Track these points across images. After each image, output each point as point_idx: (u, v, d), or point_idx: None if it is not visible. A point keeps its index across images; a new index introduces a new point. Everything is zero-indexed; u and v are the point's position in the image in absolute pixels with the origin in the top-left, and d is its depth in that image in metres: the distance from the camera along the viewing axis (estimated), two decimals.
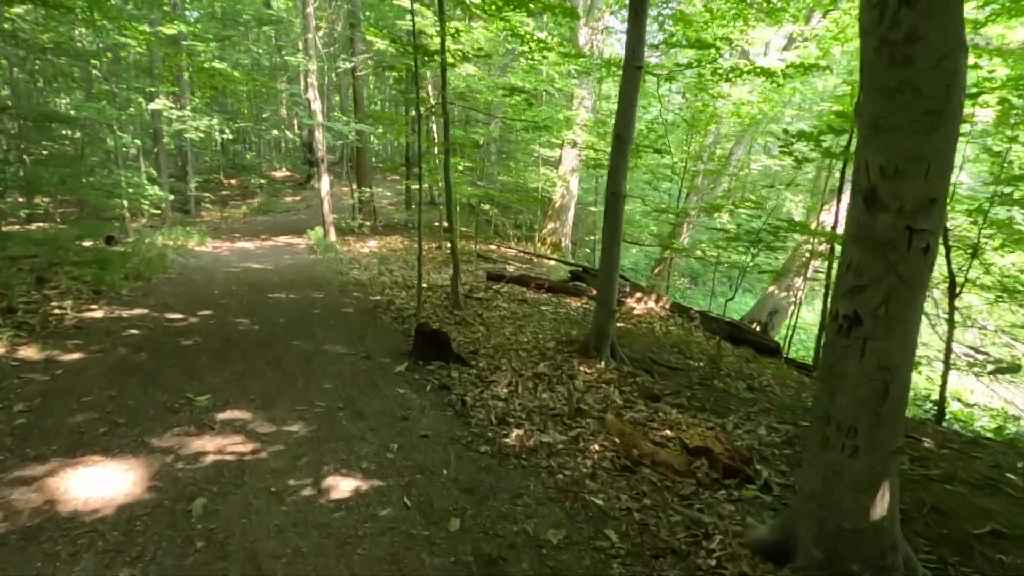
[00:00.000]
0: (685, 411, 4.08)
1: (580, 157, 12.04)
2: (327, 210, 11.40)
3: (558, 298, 7.89)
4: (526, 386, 4.19)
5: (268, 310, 6.03)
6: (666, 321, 7.53)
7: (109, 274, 7.04)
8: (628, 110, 4.81)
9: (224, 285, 7.34)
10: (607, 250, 5.03)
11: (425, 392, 3.84)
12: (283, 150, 25.84)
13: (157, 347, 4.48)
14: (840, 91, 10.60)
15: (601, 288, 5.15)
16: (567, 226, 12.35)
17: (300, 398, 3.56)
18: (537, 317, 6.78)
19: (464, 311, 6.60)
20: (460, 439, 3.21)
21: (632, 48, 4.73)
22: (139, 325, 5.13)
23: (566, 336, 5.93)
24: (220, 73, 8.55)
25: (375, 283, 8.02)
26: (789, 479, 3.14)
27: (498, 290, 8.02)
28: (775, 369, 6.34)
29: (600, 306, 5.13)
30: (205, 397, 3.49)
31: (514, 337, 5.70)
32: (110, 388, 3.58)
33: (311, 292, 7.13)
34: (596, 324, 5.16)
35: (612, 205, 4.92)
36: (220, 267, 8.82)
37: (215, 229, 14.46)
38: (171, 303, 6.17)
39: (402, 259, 10.42)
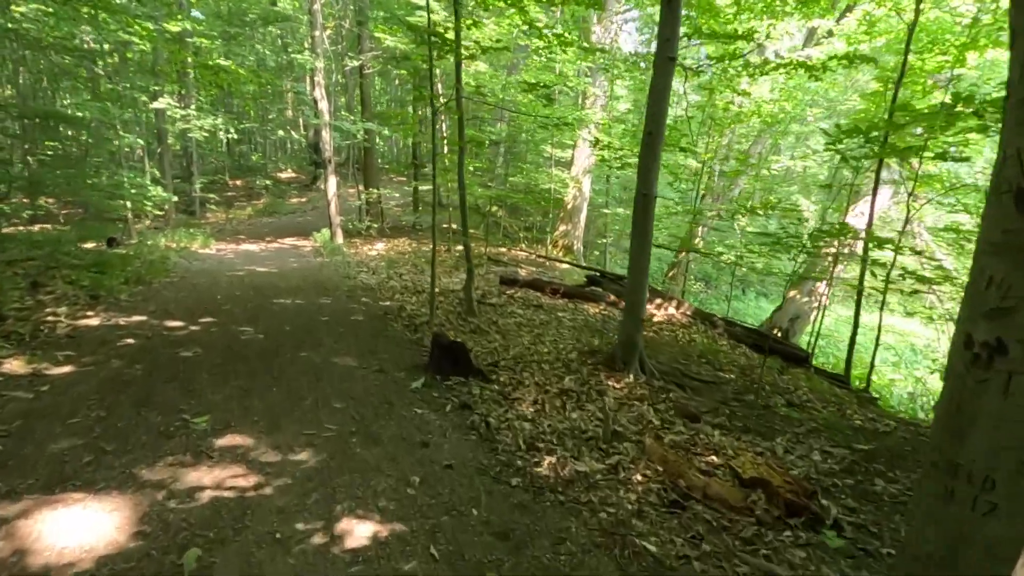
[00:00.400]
0: (728, 433, 3.70)
1: (593, 157, 11.68)
2: (334, 212, 11.06)
3: (575, 304, 7.53)
4: (553, 404, 3.83)
5: (273, 317, 5.68)
6: (688, 328, 7.15)
7: (108, 278, 6.70)
8: (660, 105, 4.45)
9: (227, 290, 7.00)
10: (636, 256, 4.67)
11: (445, 412, 3.48)
12: (289, 151, 25.58)
13: (154, 359, 4.13)
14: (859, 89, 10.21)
15: (629, 297, 4.78)
16: (579, 228, 11.98)
17: (308, 420, 3.20)
18: (555, 324, 6.41)
19: (478, 318, 6.24)
20: (488, 469, 2.85)
21: (665, 38, 4.37)
22: (136, 334, 4.79)
23: (588, 346, 5.56)
24: (224, 70, 8.23)
25: (384, 288, 7.67)
26: (860, 516, 2.76)
27: (512, 295, 7.66)
28: (807, 380, 5.95)
29: (628, 316, 4.76)
30: (203, 419, 3.13)
31: (533, 347, 5.33)
32: (100, 407, 3.23)
33: (318, 298, 6.79)
34: (623, 335, 4.79)
35: (642, 207, 4.55)
36: (224, 270, 8.48)
37: (220, 231, 14.15)
38: (172, 309, 5.83)
39: (411, 262, 10.08)
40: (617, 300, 7.60)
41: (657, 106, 4.44)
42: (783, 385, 5.31)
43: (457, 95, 5.79)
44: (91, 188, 10.73)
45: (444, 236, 13.51)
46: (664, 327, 6.98)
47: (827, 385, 6.23)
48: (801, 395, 4.98)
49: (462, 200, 6.11)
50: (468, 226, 6.27)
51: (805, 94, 8.42)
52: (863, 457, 3.51)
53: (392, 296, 7.18)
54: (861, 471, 3.30)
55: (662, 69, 4.38)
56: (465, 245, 6.18)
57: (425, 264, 9.94)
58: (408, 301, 6.92)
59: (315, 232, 12.10)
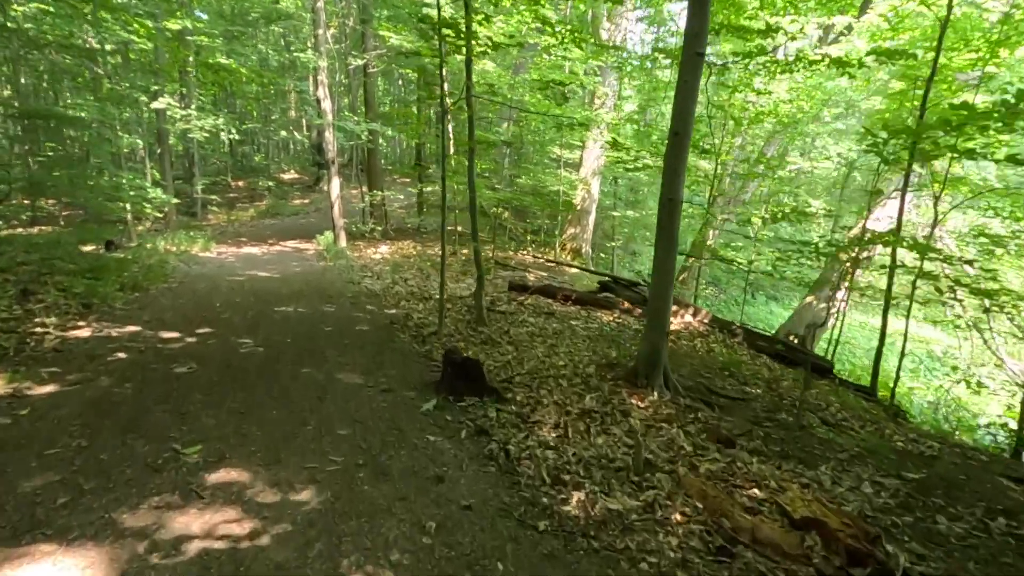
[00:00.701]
0: (766, 460, 3.38)
1: (602, 158, 11.36)
2: (337, 214, 10.76)
3: (587, 311, 7.21)
4: (576, 428, 3.51)
5: (274, 327, 5.38)
6: (707, 338, 6.83)
7: (103, 285, 6.41)
8: (687, 104, 4.13)
9: (227, 296, 6.70)
10: (661, 264, 4.35)
11: (460, 439, 3.17)
12: (292, 152, 25.30)
13: (145, 377, 3.83)
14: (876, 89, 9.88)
15: (652, 307, 4.46)
16: (588, 231, 11.67)
17: (311, 449, 2.89)
18: (568, 334, 6.10)
19: (489, 327, 5.93)
20: (511, 509, 2.53)
21: (694, 33, 4.05)
22: (129, 347, 4.48)
23: (606, 358, 5.25)
24: (225, 69, 7.94)
25: (389, 294, 7.36)
26: (931, 565, 2.44)
27: (522, 302, 7.35)
28: (835, 394, 5.63)
29: (651, 328, 4.44)
30: (195, 449, 2.83)
31: (548, 360, 5.02)
32: (82, 435, 2.93)
33: (321, 305, 6.48)
34: (646, 348, 4.47)
35: (668, 212, 4.24)
36: (224, 275, 8.19)
37: (221, 233, 13.87)
38: (168, 318, 5.53)
39: (416, 266, 9.78)
40: (631, 307, 7.29)
41: (684, 105, 4.13)
42: (813, 401, 4.99)
43: (467, 93, 5.48)
44: (90, 190, 10.46)
45: (449, 239, 13.21)
46: (682, 336, 6.66)
47: (852, 397, 5.91)
48: (835, 412, 4.66)
49: (472, 203, 5.80)
50: (478, 231, 5.96)
51: (824, 94, 8.09)
52: (916, 488, 3.19)
53: (398, 303, 6.88)
54: (919, 506, 2.98)
55: (690, 66, 4.06)
56: (475, 251, 5.87)
57: (431, 268, 9.64)
58: (415, 309, 6.62)
59: (318, 235, 11.81)
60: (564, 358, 5.12)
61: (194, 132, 10.53)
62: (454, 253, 11.00)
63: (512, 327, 6.07)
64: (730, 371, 5.51)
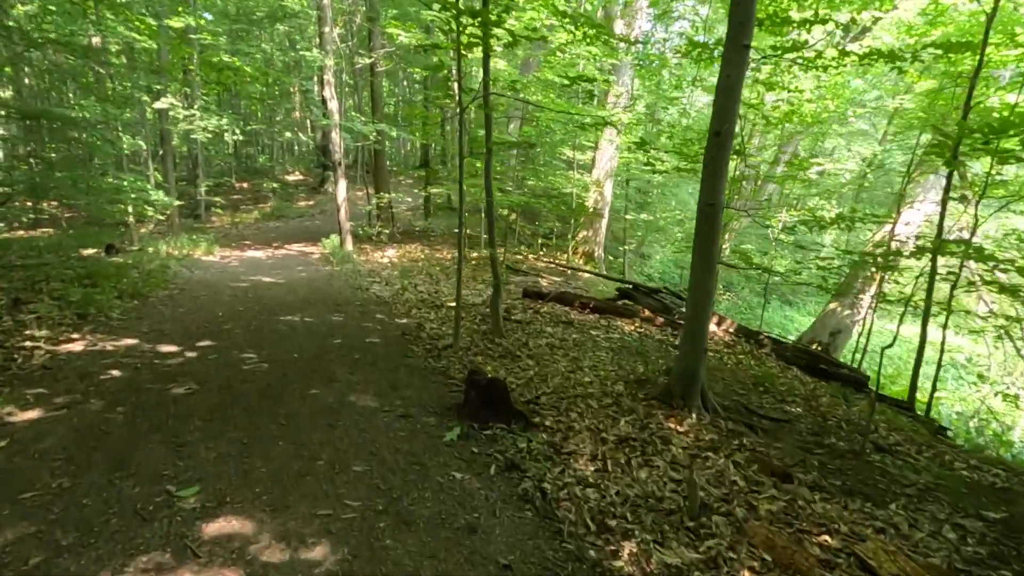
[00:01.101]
0: (829, 497, 3.01)
1: (616, 160, 11.00)
2: (344, 217, 10.41)
3: (607, 320, 6.84)
4: (615, 459, 3.15)
5: (280, 340, 5.03)
6: (733, 348, 6.46)
7: (100, 292, 6.07)
8: (730, 101, 3.76)
9: (230, 305, 6.35)
10: (699, 274, 3.98)
11: (489, 475, 2.80)
12: (296, 153, 25.00)
13: (139, 399, 3.48)
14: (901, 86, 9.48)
15: (690, 322, 4.09)
16: (600, 235, 11.30)
17: (323, 491, 2.53)
18: (590, 346, 5.74)
19: (506, 339, 5.57)
20: (556, 567, 2.17)
21: (740, 22, 3.69)
22: (123, 363, 4.14)
23: (633, 373, 4.88)
24: (228, 67, 7.61)
25: (399, 301, 7.01)
26: None
27: (538, 310, 6.99)
28: (881, 413, 5.25)
29: (688, 345, 4.07)
30: (192, 491, 2.47)
31: (573, 376, 4.66)
32: (65, 473, 2.58)
33: (329, 314, 6.13)
34: (682, 366, 4.10)
35: (708, 219, 3.87)
36: (227, 281, 7.84)
37: (225, 236, 13.54)
38: (167, 330, 5.19)
39: (424, 271, 9.42)
40: (652, 315, 6.92)
41: (727, 102, 3.76)
42: (858, 420, 4.61)
43: (484, 90, 5.11)
44: (90, 192, 10.15)
45: (455, 241, 12.87)
46: (708, 347, 6.28)
47: (891, 412, 5.54)
48: (885, 435, 4.28)
49: (489, 207, 5.44)
50: (495, 236, 5.60)
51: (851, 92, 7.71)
52: (1003, 531, 2.82)
53: (409, 311, 6.52)
54: (1012, 555, 2.61)
55: (735, 59, 3.70)
56: (492, 258, 5.51)
57: (440, 273, 9.29)
58: (427, 318, 6.26)
59: (324, 238, 11.47)
60: (589, 374, 4.76)
61: (197, 133, 10.20)
62: (464, 257, 10.65)
63: (530, 338, 5.71)
64: (764, 386, 5.14)
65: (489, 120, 5.24)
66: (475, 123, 11.48)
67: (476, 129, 12.83)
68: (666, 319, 6.83)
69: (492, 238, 5.55)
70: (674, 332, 6.60)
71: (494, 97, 5.21)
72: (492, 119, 5.26)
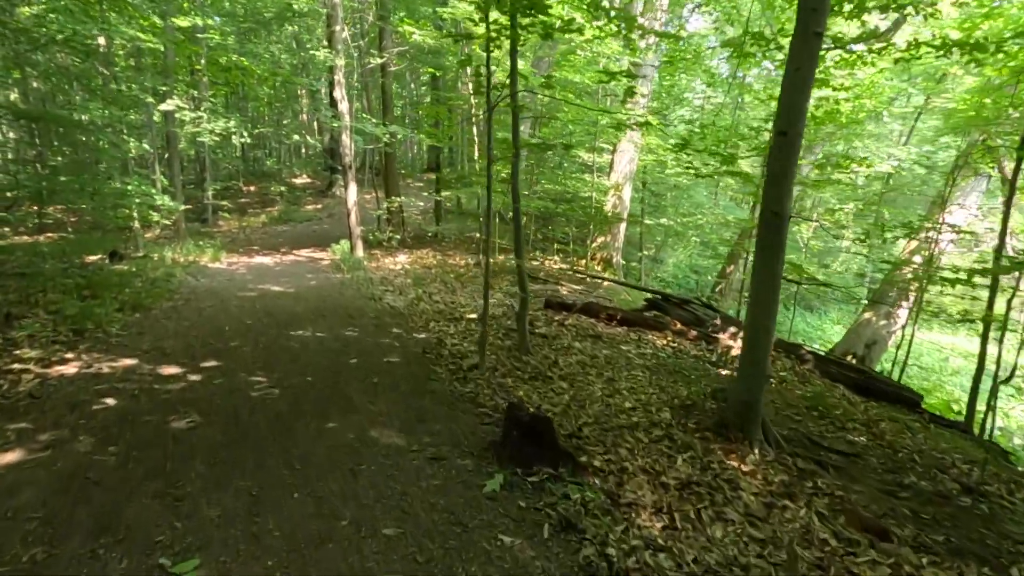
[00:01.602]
0: (940, 562, 2.54)
1: (635, 162, 10.54)
2: (354, 222, 10.00)
3: (637, 333, 6.38)
4: (682, 511, 2.69)
5: (291, 359, 4.60)
6: (774, 364, 5.98)
7: (100, 304, 5.67)
8: (799, 97, 3.31)
9: (237, 317, 5.94)
10: (762, 292, 3.52)
11: (543, 538, 2.35)
12: (304, 156, 24.67)
13: (135, 435, 3.05)
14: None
15: (751, 346, 3.63)
16: (619, 240, 10.83)
17: (348, 565, 2.09)
18: (624, 364, 5.28)
19: (533, 355, 5.13)
20: None
21: (811, 8, 3.23)
22: (120, 389, 3.72)
23: (677, 398, 4.43)
24: (236, 67, 7.22)
25: (415, 313, 6.57)
26: None
27: (562, 322, 6.54)
28: (923, 429, 4.78)
29: (748, 370, 3.61)
30: (191, 566, 2.03)
31: (611, 400, 4.21)
32: (42, 539, 2.15)
33: (342, 328, 5.70)
34: (741, 395, 3.64)
35: (772, 229, 3.42)
36: (234, 290, 7.43)
37: (232, 241, 13.17)
38: (169, 347, 4.77)
39: (439, 279, 8.98)
40: (685, 328, 6.45)
41: (795, 97, 3.31)
42: (927, 449, 4.14)
43: (512, 87, 4.67)
44: (94, 197, 9.78)
45: (468, 246, 12.43)
46: None
47: (948, 435, 5.06)
48: (967, 471, 3.80)
49: (516, 214, 4.99)
50: (522, 245, 5.15)
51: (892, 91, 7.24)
52: None
53: (427, 324, 6.08)
54: None
55: (805, 49, 3.24)
56: (519, 268, 5.06)
57: (455, 281, 8.85)
58: (446, 332, 5.82)
59: (333, 244, 11.06)
60: (629, 398, 4.30)
61: (204, 136, 9.82)
62: (477, 263, 10.21)
63: (559, 355, 5.26)
64: (818, 410, 4.67)
65: (516, 119, 4.80)
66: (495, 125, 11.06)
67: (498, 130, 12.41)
68: (700, 332, 6.37)
69: (519, 246, 5.10)
70: (709, 347, 6.14)
71: (522, 95, 4.77)
72: (519, 118, 4.82)
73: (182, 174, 19.00)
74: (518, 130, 4.84)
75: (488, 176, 4.32)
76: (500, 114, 10.50)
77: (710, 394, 4.55)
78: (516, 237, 5.09)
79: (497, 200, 9.94)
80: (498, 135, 13.72)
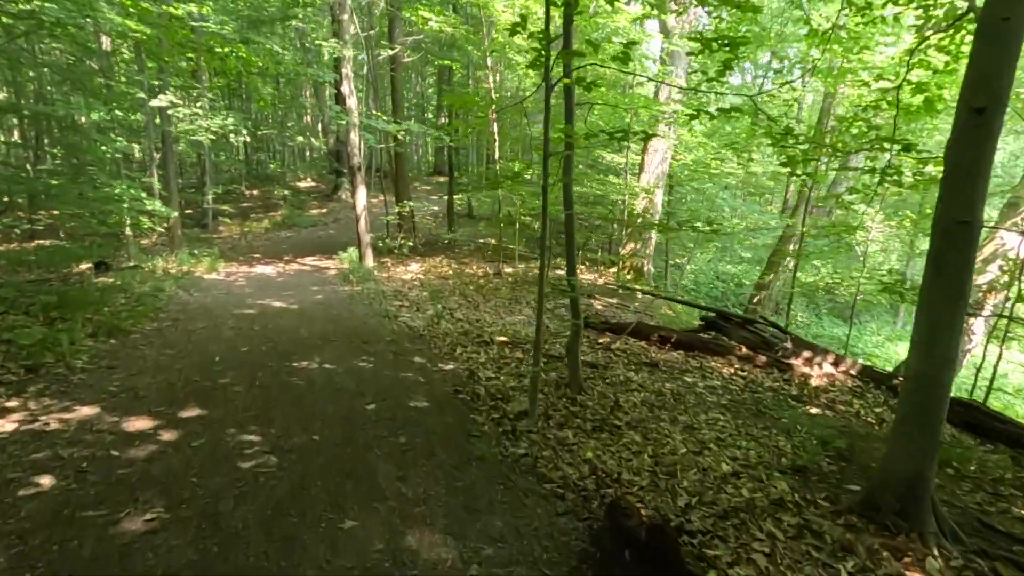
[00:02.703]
0: None
1: (667, 163, 9.56)
2: (363, 229, 9.01)
3: (697, 359, 5.38)
4: None
5: (293, 403, 3.61)
6: (863, 398, 4.98)
7: (67, 329, 4.68)
8: (1003, 58, 2.32)
9: (231, 344, 4.95)
10: (937, 320, 2.52)
11: None
12: (308, 159, 23.71)
13: (63, 551, 2.06)
14: None
15: (913, 397, 2.63)
16: (650, 247, 9.86)
17: None
18: (694, 401, 4.29)
19: (588, 394, 4.14)
20: None
21: None
22: (63, 460, 2.73)
23: (782, 454, 3.44)
24: (235, 54, 6.27)
25: (437, 335, 5.59)
26: None
27: (609, 346, 5.55)
28: None
29: (914, 436, 2.61)
30: None
31: (701, 459, 3.22)
32: None
33: (354, 357, 4.71)
34: (901, 466, 2.64)
35: (956, 243, 2.43)
36: (231, 307, 6.44)
37: (232, 248, 12.20)
38: (143, 387, 3.78)
39: (457, 291, 8.00)
40: (751, 353, 5.45)
41: (997, 60, 2.33)
42: None
43: (566, 68, 3.69)
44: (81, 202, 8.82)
45: (484, 253, 11.45)
46: (834, 399, 4.82)
47: None
48: None
49: (569, 223, 4.00)
50: (575, 260, 4.15)
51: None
52: None
53: (452, 350, 5.09)
54: None
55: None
56: (571, 287, 4.04)
57: (476, 294, 7.87)
58: (476, 360, 4.83)
59: (340, 251, 10.09)
60: (722, 455, 3.32)
61: (199, 134, 8.84)
62: (497, 273, 9.23)
63: (617, 392, 4.26)
64: (953, 467, 3.67)
65: (571, 97, 3.80)
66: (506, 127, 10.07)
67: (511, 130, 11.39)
68: (769, 357, 5.37)
69: (572, 262, 4.10)
70: (784, 376, 5.14)
71: (592, 69, 3.79)
72: (574, 96, 3.81)
73: (182, 177, 18.04)
74: (573, 115, 3.86)
75: (544, 172, 3.32)
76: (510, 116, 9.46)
77: (816, 447, 3.56)
78: (568, 250, 4.09)
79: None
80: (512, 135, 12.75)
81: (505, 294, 7.93)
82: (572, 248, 4.09)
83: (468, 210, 15.68)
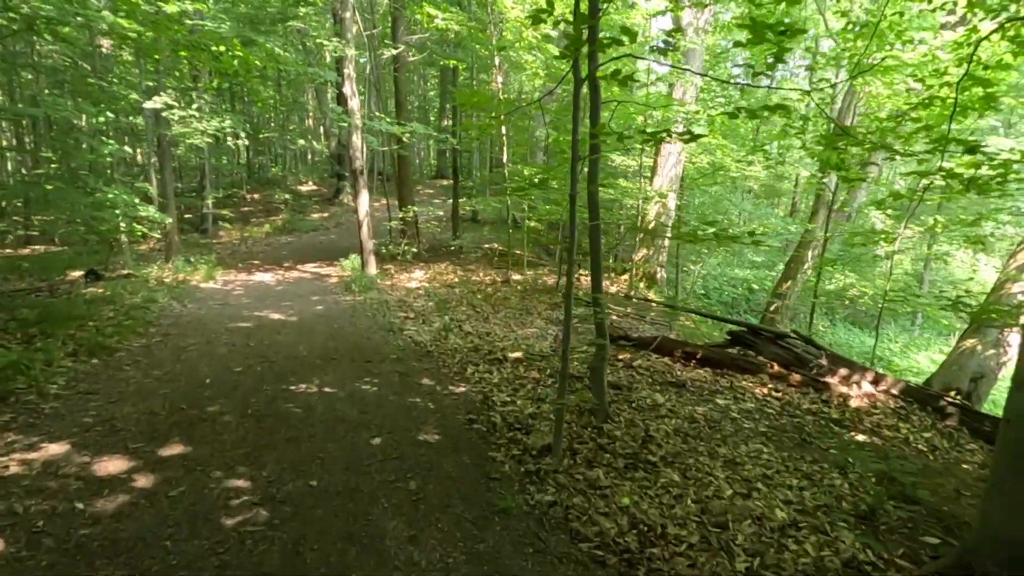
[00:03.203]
0: None
1: (680, 165, 9.16)
2: (366, 235, 8.61)
3: (727, 378, 4.95)
4: None
5: (289, 438, 3.19)
6: (908, 421, 4.55)
7: (44, 350, 4.28)
8: None
9: (223, 363, 4.54)
10: None
11: None
12: (310, 162, 23.34)
13: None
14: None
15: (1018, 445, 2.22)
16: (663, 253, 9.45)
17: None
18: (731, 429, 3.87)
19: (616, 423, 3.72)
20: None
21: None
22: (17, 518, 2.31)
23: (841, 496, 3.02)
24: (231, 53, 5.89)
25: (445, 351, 5.18)
26: None
27: (629, 363, 5.14)
28: None
29: (1018, 491, 2.20)
30: None
31: (751, 505, 2.80)
32: None
33: (357, 378, 4.30)
34: (1007, 529, 2.23)
35: None
36: (226, 320, 6.04)
37: (232, 253, 11.80)
38: (122, 418, 3.37)
39: (464, 301, 7.59)
40: (785, 371, 5.03)
41: None
42: None
43: (591, 58, 3.29)
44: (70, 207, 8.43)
45: (490, 260, 11.03)
46: (879, 423, 4.40)
47: None
48: None
49: (595, 234, 3.59)
50: (600, 274, 3.74)
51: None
52: None
53: (463, 369, 4.68)
54: None
55: None
56: (595, 303, 3.63)
57: (485, 304, 7.46)
58: (489, 381, 4.42)
59: (341, 258, 9.69)
60: (774, 498, 2.89)
61: (195, 136, 8.46)
62: (506, 281, 8.82)
63: (647, 419, 3.85)
64: None
65: (596, 91, 3.39)
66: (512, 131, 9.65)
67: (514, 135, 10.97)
68: (803, 376, 4.95)
69: (597, 276, 3.68)
70: (822, 397, 4.72)
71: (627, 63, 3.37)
72: (600, 93, 3.40)
73: (182, 182, 17.67)
74: (599, 114, 3.45)
75: (572, 178, 2.91)
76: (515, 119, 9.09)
77: (882, 487, 3.14)
78: (593, 264, 3.68)
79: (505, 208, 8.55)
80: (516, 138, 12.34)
81: (515, 304, 7.52)
82: (598, 261, 3.67)
83: (473, 215, 15.28)
